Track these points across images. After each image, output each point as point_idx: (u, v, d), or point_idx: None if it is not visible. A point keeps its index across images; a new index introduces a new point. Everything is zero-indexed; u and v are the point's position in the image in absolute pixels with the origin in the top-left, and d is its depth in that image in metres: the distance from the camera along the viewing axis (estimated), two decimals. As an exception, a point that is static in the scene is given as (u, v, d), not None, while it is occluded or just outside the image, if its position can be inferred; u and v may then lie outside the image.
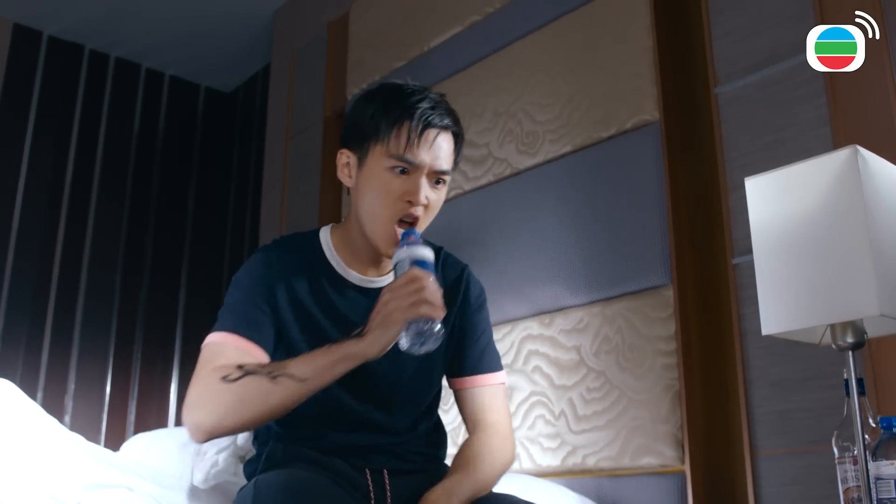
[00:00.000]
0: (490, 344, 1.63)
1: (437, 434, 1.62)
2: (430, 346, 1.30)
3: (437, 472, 1.52)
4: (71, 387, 4.59)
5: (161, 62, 5.34)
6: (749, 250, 2.26)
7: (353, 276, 1.53)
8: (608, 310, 2.54)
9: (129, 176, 5.12)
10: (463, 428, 1.64)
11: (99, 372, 4.73)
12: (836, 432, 1.44)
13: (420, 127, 1.42)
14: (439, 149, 1.45)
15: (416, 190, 1.43)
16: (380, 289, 1.38)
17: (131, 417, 4.77)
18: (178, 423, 4.85)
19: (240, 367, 1.32)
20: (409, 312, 1.26)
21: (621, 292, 2.52)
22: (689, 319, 2.41)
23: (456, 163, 1.52)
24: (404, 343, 1.29)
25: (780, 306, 1.44)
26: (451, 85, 3.27)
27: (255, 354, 1.40)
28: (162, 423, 4.85)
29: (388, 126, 1.43)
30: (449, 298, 1.49)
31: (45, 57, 4.94)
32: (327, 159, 4.04)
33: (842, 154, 1.39)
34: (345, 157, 1.52)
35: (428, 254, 1.35)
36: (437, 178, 1.47)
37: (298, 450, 1.45)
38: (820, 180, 1.42)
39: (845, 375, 1.44)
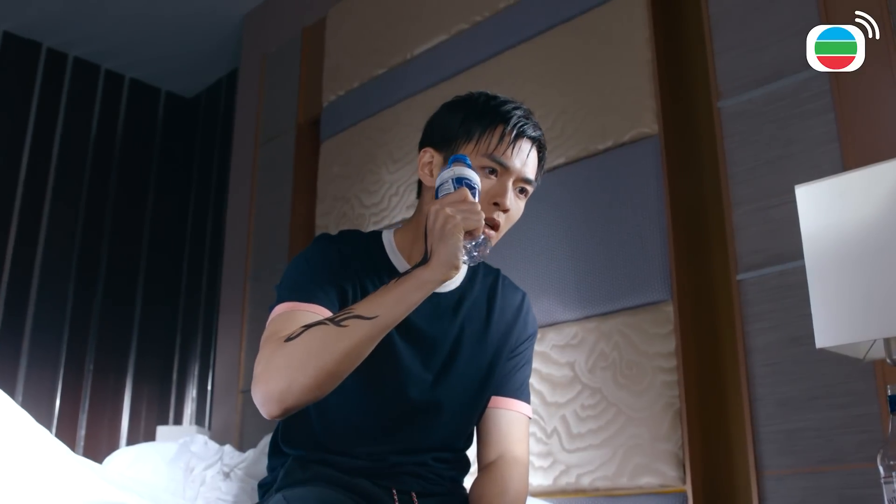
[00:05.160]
0: (528, 380, 1.59)
1: (464, 456, 1.56)
2: (481, 257, 1.28)
3: (459, 495, 1.48)
4: (18, 398, 4.35)
5: (121, 64, 5.18)
6: (753, 266, 2.24)
7: None
8: (604, 325, 2.49)
9: (85, 180, 4.93)
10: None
11: (49, 382, 4.51)
12: (881, 451, 1.39)
13: (514, 133, 1.41)
14: (530, 158, 1.44)
15: (503, 192, 1.39)
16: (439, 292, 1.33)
17: (82, 432, 4.55)
18: (131, 441, 4.65)
19: (305, 325, 1.25)
20: (463, 225, 1.23)
21: (618, 308, 2.47)
22: (689, 335, 2.37)
23: (537, 179, 1.49)
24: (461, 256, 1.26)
25: (835, 318, 1.39)
26: (435, 94, 3.19)
27: (325, 315, 1.31)
28: (114, 438, 4.64)
29: (483, 127, 1.41)
30: (509, 320, 1.53)
31: (0, 53, 4.74)
32: (300, 166, 3.93)
33: (903, 162, 1.36)
34: (428, 156, 1.47)
35: (472, 174, 1.32)
36: (521, 186, 1.44)
37: (319, 469, 1.37)
38: (879, 188, 1.37)
39: (890, 392, 1.39)
